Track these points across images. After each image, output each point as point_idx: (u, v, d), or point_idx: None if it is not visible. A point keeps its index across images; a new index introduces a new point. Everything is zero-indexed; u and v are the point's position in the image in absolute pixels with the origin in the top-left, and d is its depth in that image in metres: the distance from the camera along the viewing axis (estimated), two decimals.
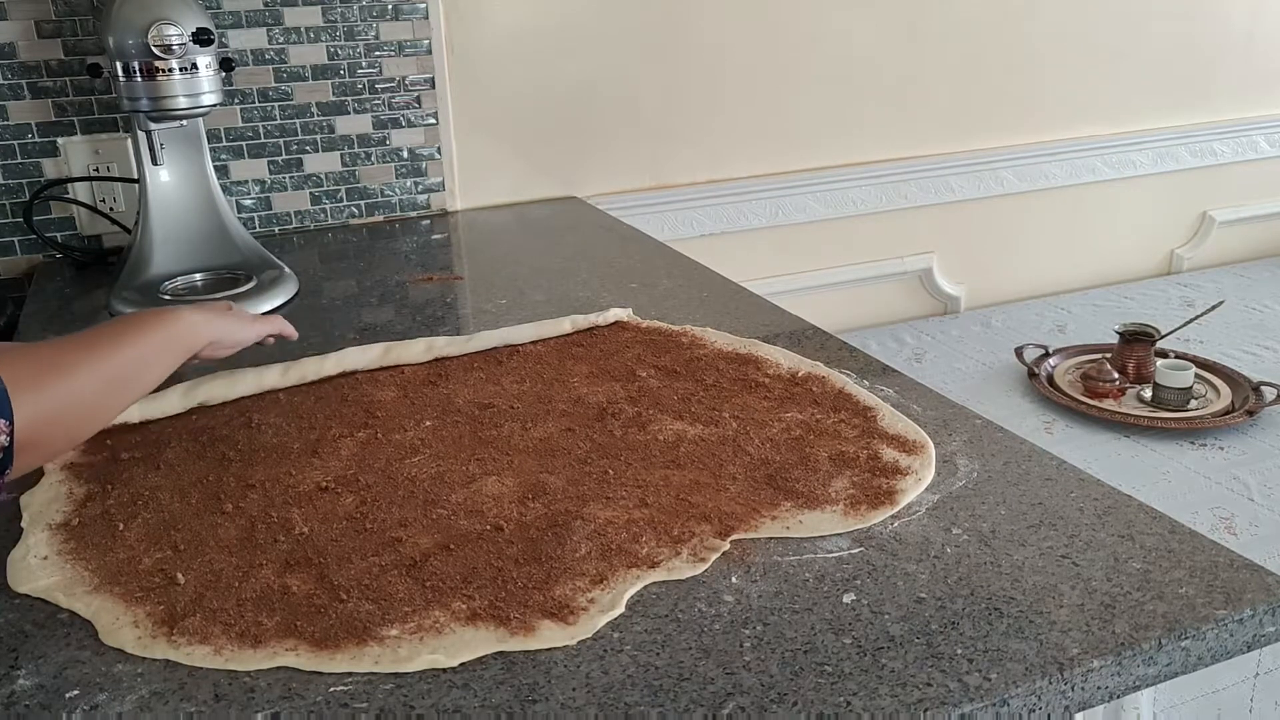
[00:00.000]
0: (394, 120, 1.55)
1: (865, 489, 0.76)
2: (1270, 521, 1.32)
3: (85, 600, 0.66)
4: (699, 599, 0.65)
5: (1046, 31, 2.01)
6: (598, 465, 0.80)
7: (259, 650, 0.61)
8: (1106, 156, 2.15)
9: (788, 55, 1.81)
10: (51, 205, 1.42)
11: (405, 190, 1.59)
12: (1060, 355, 1.80)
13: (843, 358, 1.01)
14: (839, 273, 1.99)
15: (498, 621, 0.62)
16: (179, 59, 1.17)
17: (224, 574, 0.68)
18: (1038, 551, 0.68)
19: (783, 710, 0.55)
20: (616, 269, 1.34)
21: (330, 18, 1.47)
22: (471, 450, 0.83)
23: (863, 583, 0.66)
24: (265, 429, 0.88)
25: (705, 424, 0.87)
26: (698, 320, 1.10)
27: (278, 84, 1.47)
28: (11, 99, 1.36)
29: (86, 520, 0.75)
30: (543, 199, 1.70)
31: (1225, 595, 0.63)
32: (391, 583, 0.66)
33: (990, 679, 0.57)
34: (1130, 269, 2.29)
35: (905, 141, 1.97)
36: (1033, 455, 0.81)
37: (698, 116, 1.78)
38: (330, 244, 1.49)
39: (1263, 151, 2.31)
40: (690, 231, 1.81)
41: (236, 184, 1.49)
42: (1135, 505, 0.73)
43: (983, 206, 2.07)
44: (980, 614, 0.62)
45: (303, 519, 0.74)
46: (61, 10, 1.35)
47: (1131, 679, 0.60)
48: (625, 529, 0.71)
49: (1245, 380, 1.67)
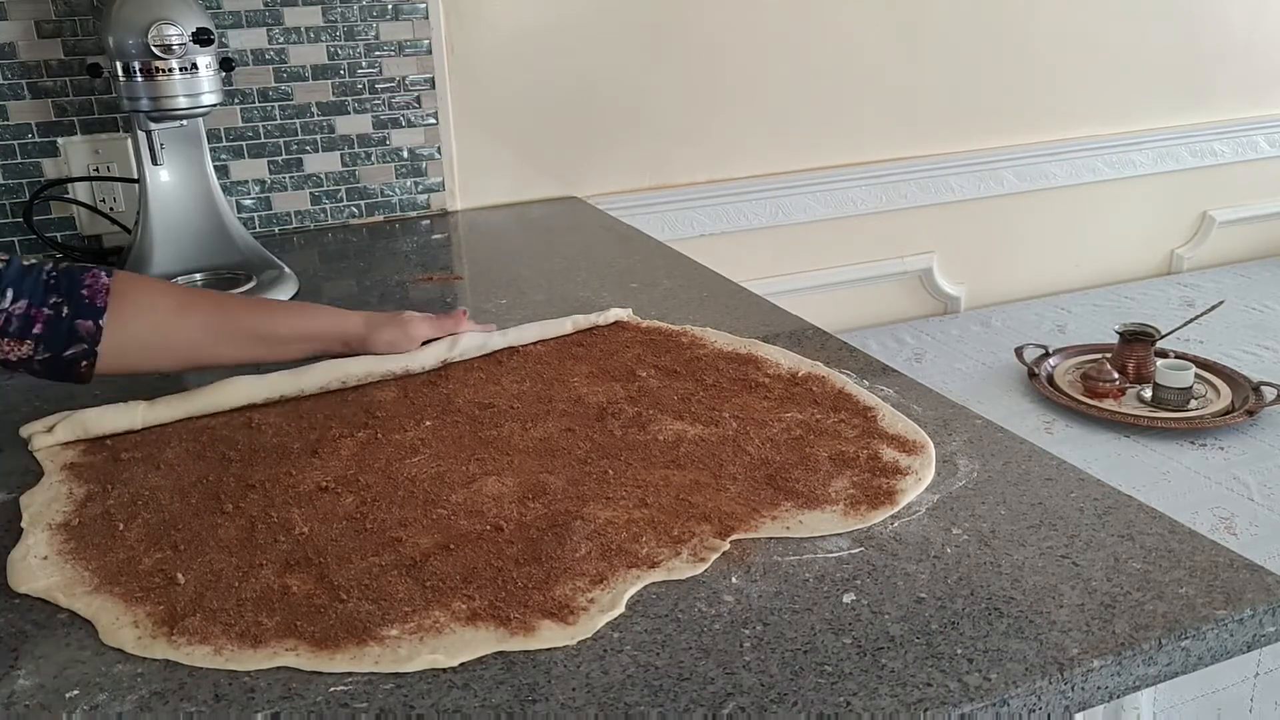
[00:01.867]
0: (394, 120, 1.55)
1: (865, 489, 0.76)
2: (1270, 521, 1.32)
3: (85, 600, 0.66)
4: (699, 599, 0.65)
5: (1047, 31, 2.01)
6: (598, 465, 0.80)
7: (259, 650, 0.61)
8: (1106, 156, 2.15)
9: (788, 55, 1.81)
10: (51, 205, 1.42)
11: (405, 190, 1.59)
12: (1060, 355, 1.80)
13: (843, 358, 1.01)
14: (839, 273, 1.99)
15: (498, 621, 0.62)
16: (179, 59, 1.18)
17: (224, 574, 0.68)
18: (1038, 551, 0.68)
19: (783, 710, 0.55)
20: (616, 269, 1.34)
21: (330, 18, 1.47)
22: (471, 450, 0.83)
23: (863, 583, 0.66)
24: (265, 429, 0.88)
25: (705, 424, 0.87)
26: (698, 320, 1.10)
27: (278, 84, 1.47)
28: (11, 99, 1.36)
29: (86, 520, 0.75)
30: (543, 199, 1.70)
31: (1225, 595, 0.63)
32: (391, 583, 0.66)
33: (990, 679, 0.57)
34: (1130, 269, 2.29)
35: (905, 141, 1.97)
36: (1033, 455, 0.81)
37: (698, 116, 1.78)
38: (330, 244, 1.49)
39: (1263, 151, 2.31)
40: (690, 231, 1.81)
41: (236, 184, 1.49)
42: (1135, 505, 0.73)
43: (983, 206, 2.07)
44: (980, 614, 0.62)
45: (303, 519, 0.74)
46: (61, 10, 1.35)
47: (1131, 679, 0.60)
48: (625, 529, 0.72)
49: (1245, 380, 1.67)
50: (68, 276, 0.82)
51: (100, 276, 0.83)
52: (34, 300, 0.80)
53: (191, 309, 0.89)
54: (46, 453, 0.85)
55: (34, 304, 0.80)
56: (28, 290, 0.80)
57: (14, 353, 0.81)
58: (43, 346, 0.81)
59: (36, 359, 0.82)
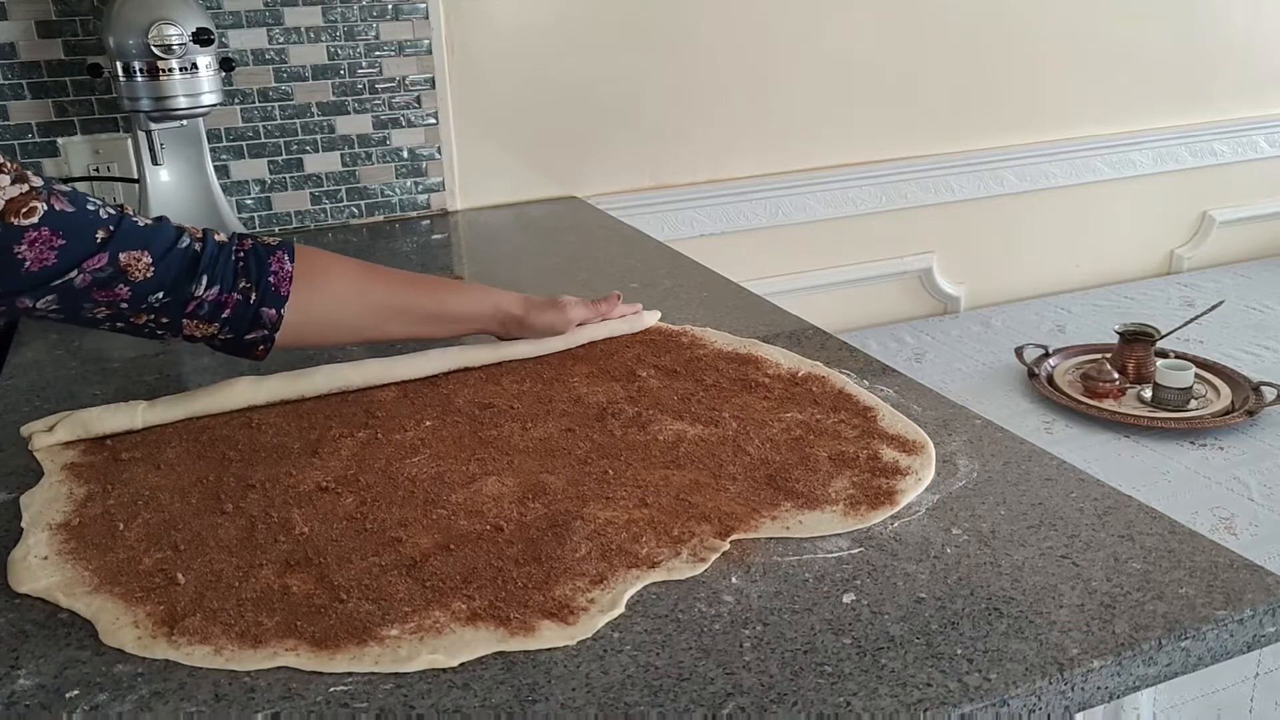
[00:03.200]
0: (394, 120, 1.55)
1: (865, 489, 0.76)
2: (1270, 521, 1.32)
3: (85, 600, 0.66)
4: (699, 599, 0.65)
5: (1047, 31, 2.01)
6: (598, 465, 0.80)
7: (259, 650, 0.61)
8: (1106, 156, 2.15)
9: (788, 55, 1.81)
10: None
11: (405, 190, 1.59)
12: (1060, 355, 1.80)
13: (843, 358, 1.01)
14: (839, 273, 1.99)
15: (498, 621, 0.62)
16: (179, 59, 1.18)
17: (224, 574, 0.68)
18: (1038, 551, 0.68)
19: (783, 710, 0.55)
20: (616, 269, 1.34)
21: (330, 18, 1.47)
22: (471, 450, 0.83)
23: (863, 583, 0.66)
24: (265, 429, 0.88)
25: (705, 424, 0.87)
26: (698, 320, 1.10)
27: (278, 84, 1.47)
28: (11, 99, 1.36)
29: (87, 520, 0.75)
30: (543, 199, 1.70)
31: (1225, 595, 0.63)
32: (391, 583, 0.66)
33: (990, 679, 0.57)
34: (1130, 269, 2.29)
35: (905, 141, 1.97)
36: (1033, 455, 0.81)
37: (698, 116, 1.78)
38: (330, 244, 1.49)
39: (1263, 151, 2.31)
40: (690, 231, 1.81)
41: (236, 184, 1.49)
42: (1135, 505, 0.73)
43: (983, 206, 2.07)
44: (980, 614, 0.62)
45: (303, 519, 0.74)
46: (61, 10, 1.35)
47: (1131, 679, 0.60)
48: (625, 529, 0.72)
49: (1245, 380, 1.67)
50: (255, 258, 0.84)
51: (285, 263, 0.85)
52: (224, 285, 0.82)
53: (369, 291, 0.92)
54: (47, 452, 0.85)
55: (224, 289, 0.82)
56: (220, 274, 0.82)
57: (201, 331, 0.84)
58: (228, 329, 0.84)
59: (219, 338, 0.85)
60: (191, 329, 0.83)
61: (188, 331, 0.84)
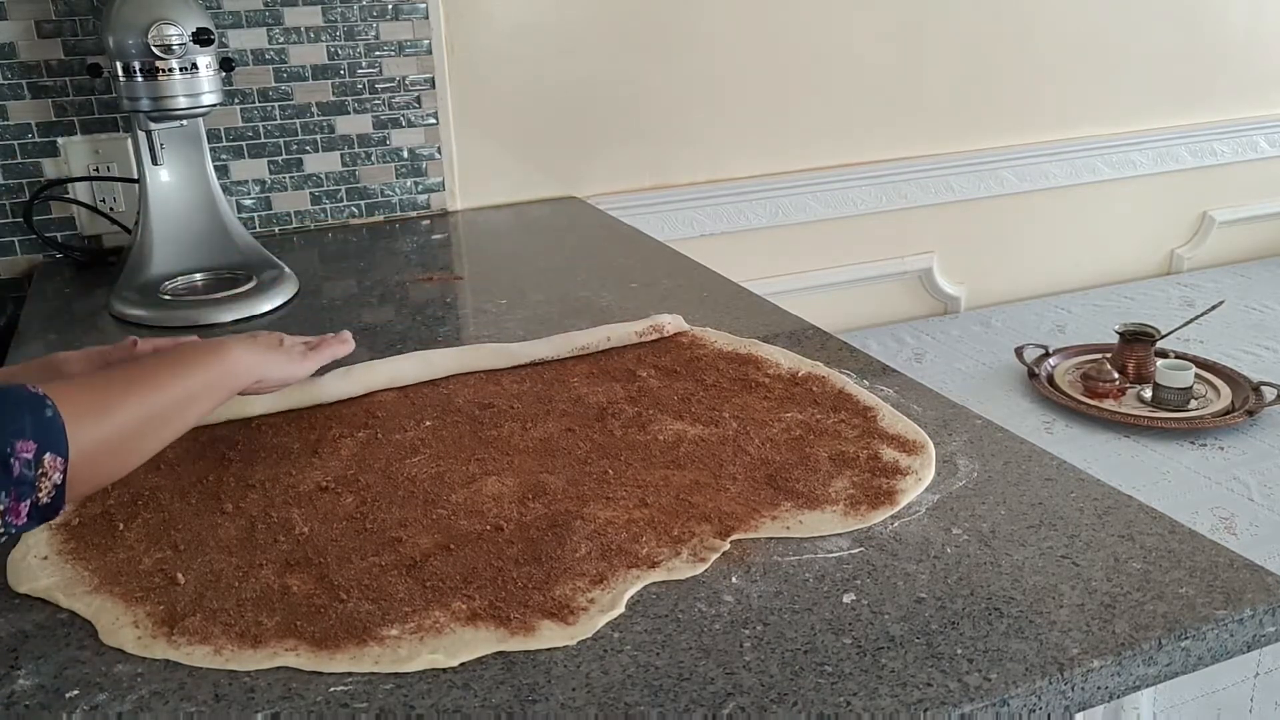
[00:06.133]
0: (394, 120, 1.55)
1: (865, 489, 0.76)
2: (1270, 521, 1.32)
3: (85, 600, 0.66)
4: (699, 599, 0.65)
5: (1046, 31, 2.01)
6: (598, 465, 0.80)
7: (259, 650, 0.61)
8: (1106, 156, 2.15)
9: (788, 55, 1.81)
10: (51, 205, 1.42)
11: (405, 190, 1.59)
12: (1060, 355, 1.80)
13: (843, 358, 1.01)
14: (839, 273, 1.99)
15: (498, 621, 0.62)
16: (179, 59, 1.18)
17: (224, 574, 0.68)
18: (1038, 551, 0.68)
19: (783, 710, 0.55)
20: (616, 269, 1.34)
21: (330, 18, 1.47)
22: (471, 450, 0.83)
23: (863, 583, 0.66)
24: (265, 429, 0.88)
25: (705, 424, 0.87)
26: (698, 320, 1.10)
27: (278, 84, 1.47)
28: (11, 99, 1.36)
29: (86, 520, 0.75)
30: (543, 199, 1.70)
31: (1225, 595, 0.63)
32: (391, 583, 0.66)
33: (990, 679, 0.57)
34: (1130, 269, 2.29)
35: (905, 141, 1.97)
36: (1033, 455, 0.81)
37: (698, 116, 1.78)
38: (330, 244, 1.49)
39: (1263, 151, 2.31)
40: (690, 231, 1.81)
41: (236, 184, 1.49)
42: (1135, 505, 0.73)
43: (983, 206, 2.07)
44: (980, 614, 0.62)
45: (303, 519, 0.74)
46: (61, 10, 1.35)
47: (1131, 679, 0.60)
48: (625, 529, 0.72)
49: (1245, 380, 1.67)
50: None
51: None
52: None
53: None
54: None
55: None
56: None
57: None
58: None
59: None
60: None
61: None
